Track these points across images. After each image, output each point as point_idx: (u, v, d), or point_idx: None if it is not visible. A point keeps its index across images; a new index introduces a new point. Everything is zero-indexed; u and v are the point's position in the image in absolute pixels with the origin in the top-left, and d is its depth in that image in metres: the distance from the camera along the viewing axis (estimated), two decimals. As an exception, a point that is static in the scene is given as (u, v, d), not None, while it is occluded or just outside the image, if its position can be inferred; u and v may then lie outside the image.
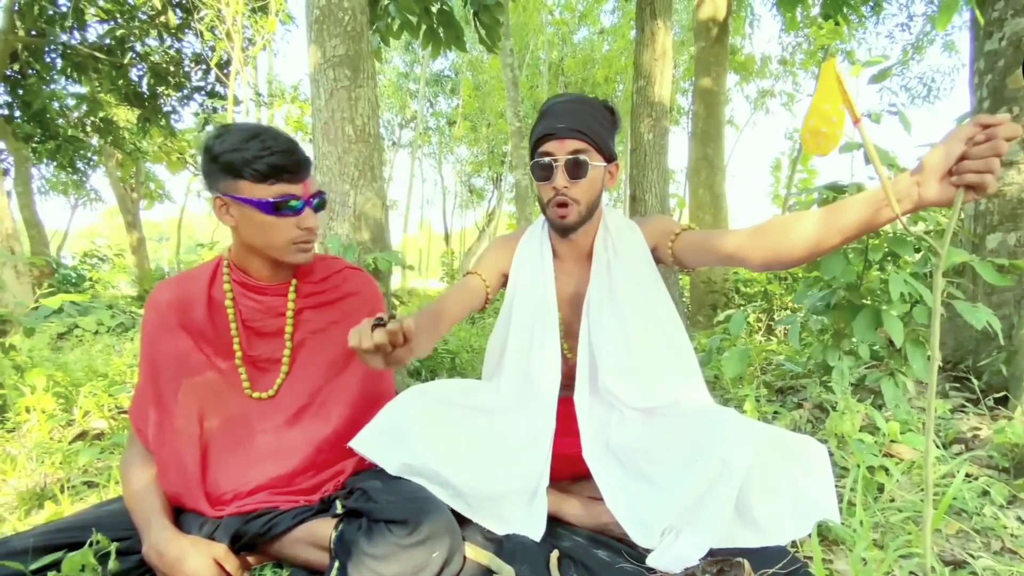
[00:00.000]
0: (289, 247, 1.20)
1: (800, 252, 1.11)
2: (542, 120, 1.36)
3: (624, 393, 1.36)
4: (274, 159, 1.12)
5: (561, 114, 1.33)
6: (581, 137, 1.32)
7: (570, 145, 1.32)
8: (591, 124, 1.33)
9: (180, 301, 1.25)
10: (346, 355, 1.34)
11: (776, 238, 1.15)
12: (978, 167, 0.86)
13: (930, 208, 1.06)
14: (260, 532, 1.15)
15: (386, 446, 1.24)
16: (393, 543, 1.03)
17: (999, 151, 0.85)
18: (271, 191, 1.14)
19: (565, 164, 1.32)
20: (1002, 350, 1.99)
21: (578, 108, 1.35)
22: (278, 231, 1.17)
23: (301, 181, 1.17)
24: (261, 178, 1.13)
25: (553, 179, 1.33)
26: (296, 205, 1.16)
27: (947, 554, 1.12)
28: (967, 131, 0.88)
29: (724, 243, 1.25)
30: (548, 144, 1.33)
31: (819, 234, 1.07)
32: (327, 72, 2.43)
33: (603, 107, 1.38)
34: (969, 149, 0.87)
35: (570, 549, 1.22)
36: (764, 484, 1.16)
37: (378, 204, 2.48)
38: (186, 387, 1.23)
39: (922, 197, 0.93)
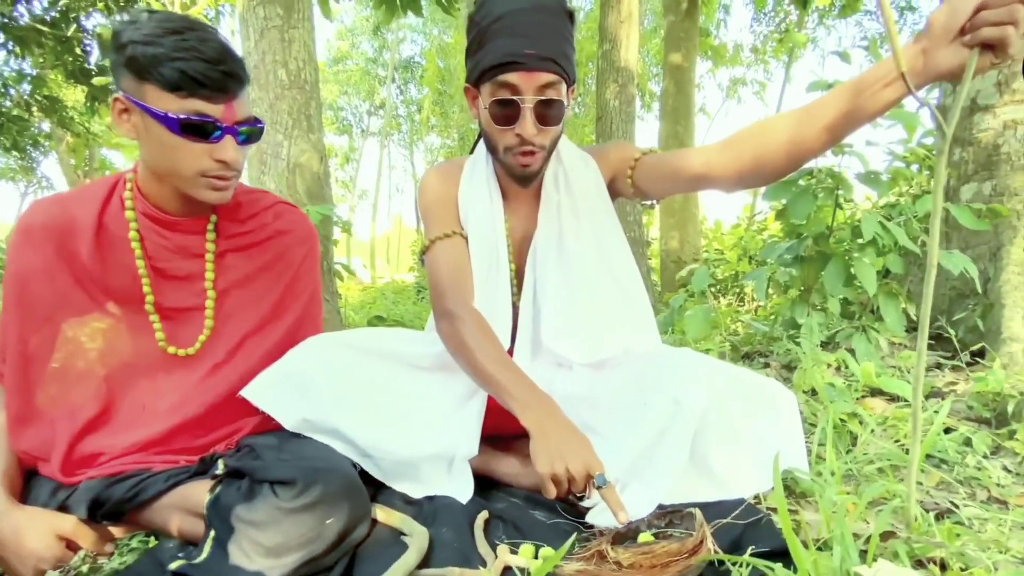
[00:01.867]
0: (197, 180, 0.96)
1: (781, 158, 0.94)
2: (500, 34, 1.03)
3: (568, 352, 1.18)
4: (191, 65, 0.88)
5: (529, 33, 1.02)
6: (554, 68, 1.03)
7: (541, 79, 1.03)
8: (565, 48, 1.06)
9: (60, 227, 1.00)
10: (275, 304, 1.14)
11: (752, 145, 0.97)
12: (999, 16, 0.69)
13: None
14: (125, 498, 0.95)
15: (284, 397, 1.05)
16: (276, 507, 0.84)
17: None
18: (181, 105, 0.89)
19: (535, 107, 1.04)
20: (978, 304, 1.88)
21: (547, 23, 1.04)
22: (185, 157, 0.93)
23: (224, 101, 0.92)
24: (171, 86, 0.88)
25: (519, 124, 1.06)
26: (211, 129, 0.92)
27: (928, 504, 0.98)
28: None
29: (692, 162, 1.06)
30: (511, 75, 1.03)
31: (803, 134, 0.90)
32: (257, 10, 2.21)
33: (564, 12, 1.09)
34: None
35: (503, 511, 1.05)
36: (723, 430, 1.01)
37: (315, 156, 2.27)
38: (68, 336, 1.01)
39: (928, 65, 0.76)
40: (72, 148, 11.69)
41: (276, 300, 1.15)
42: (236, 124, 0.95)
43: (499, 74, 1.04)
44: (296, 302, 1.18)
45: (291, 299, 1.18)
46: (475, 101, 1.15)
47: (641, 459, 0.97)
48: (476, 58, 1.09)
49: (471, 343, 1.04)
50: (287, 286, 1.16)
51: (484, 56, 1.06)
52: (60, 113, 8.68)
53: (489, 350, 1.04)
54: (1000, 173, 1.92)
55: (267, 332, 1.14)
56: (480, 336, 1.05)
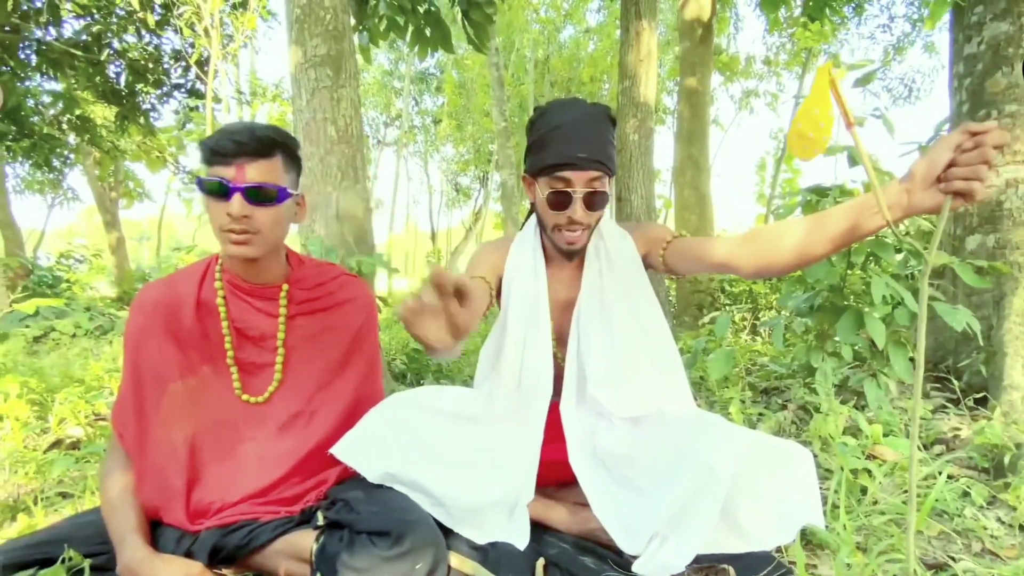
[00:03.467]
0: (221, 235, 1.14)
1: (790, 260, 1.12)
2: (556, 141, 1.27)
3: (610, 403, 1.36)
4: (214, 139, 1.10)
5: (580, 139, 1.26)
6: (600, 168, 1.27)
7: (590, 175, 1.27)
8: (609, 151, 1.29)
9: (168, 303, 1.21)
10: (339, 362, 1.32)
11: (766, 247, 1.15)
12: (966, 174, 0.86)
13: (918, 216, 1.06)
14: (240, 545, 1.12)
15: (367, 454, 1.22)
16: (376, 555, 1.01)
17: (987, 159, 0.85)
18: (207, 172, 1.11)
19: (584, 197, 1.28)
20: (981, 351, 2.01)
21: (596, 131, 1.28)
22: (212, 215, 1.13)
23: (235, 164, 1.10)
24: (205, 161, 1.11)
25: (570, 210, 1.29)
26: (222, 189, 1.10)
27: (929, 557, 1.12)
28: (955, 138, 0.88)
29: (715, 251, 1.25)
30: (566, 172, 1.27)
31: (808, 242, 1.08)
32: (308, 72, 2.39)
33: (610, 120, 1.33)
34: (957, 156, 0.87)
35: (556, 556, 1.21)
36: (749, 490, 1.16)
37: (361, 206, 2.45)
38: (171, 393, 1.20)
39: (911, 204, 0.93)
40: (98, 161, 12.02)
41: (340, 358, 1.32)
42: (247, 185, 1.10)
43: (556, 171, 1.28)
44: (359, 361, 1.35)
45: (354, 358, 1.35)
46: (531, 188, 1.38)
47: (677, 515, 1.12)
48: (537, 157, 1.32)
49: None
50: (349, 346, 1.34)
51: (545, 157, 1.29)
52: (91, 132, 8.97)
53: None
54: (1003, 227, 2.06)
55: (335, 388, 1.31)
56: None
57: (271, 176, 1.14)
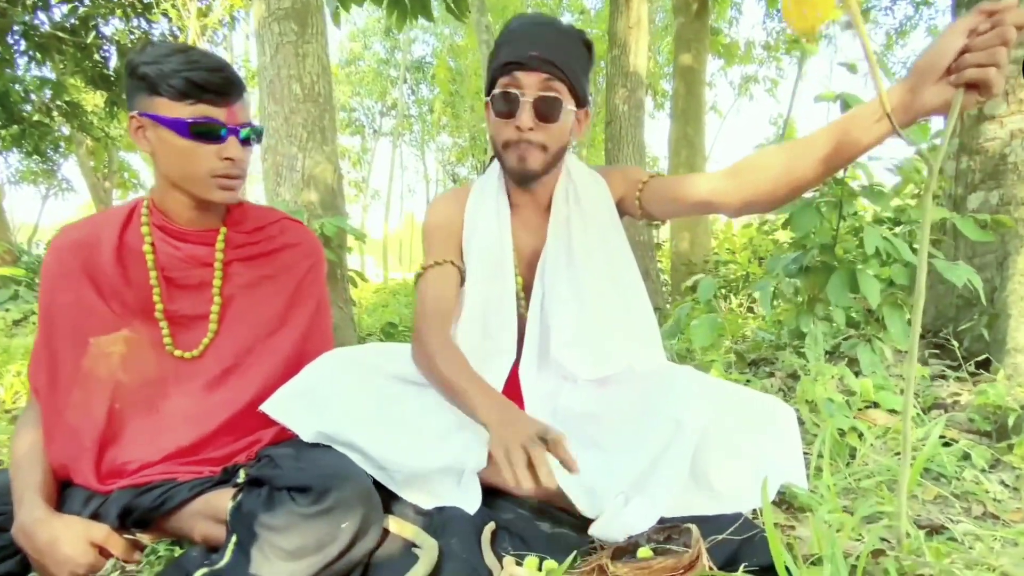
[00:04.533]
0: (208, 180, 1.04)
1: (777, 188, 1.00)
2: (507, 44, 1.15)
3: (575, 365, 1.23)
4: (196, 74, 0.98)
5: (532, 39, 1.13)
6: (555, 72, 1.13)
7: (541, 76, 1.13)
8: (567, 59, 1.14)
9: (85, 245, 1.09)
10: (280, 313, 1.20)
11: (750, 176, 1.03)
12: (981, 59, 0.73)
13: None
14: (153, 506, 1.01)
15: (301, 410, 1.10)
16: (295, 513, 0.90)
17: (1007, 38, 0.72)
18: (189, 111, 1.00)
19: (534, 102, 1.13)
20: (984, 314, 1.89)
21: (553, 36, 1.15)
22: (196, 159, 1.02)
23: (227, 105, 1.02)
24: (179, 95, 0.99)
25: (517, 116, 1.14)
26: (217, 130, 1.01)
27: (923, 520, 1.00)
28: (969, 21, 0.75)
29: (697, 188, 1.13)
30: (515, 73, 1.13)
31: (799, 165, 0.96)
32: (272, 26, 2.27)
33: (580, 39, 1.19)
34: (971, 41, 0.75)
35: (510, 522, 1.09)
36: (723, 446, 1.04)
37: (329, 168, 2.33)
38: (91, 346, 1.08)
39: (916, 105, 0.80)
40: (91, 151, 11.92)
41: (281, 310, 1.21)
42: (238, 125, 1.04)
43: (504, 75, 1.14)
44: (302, 313, 1.24)
45: (296, 310, 1.23)
46: (488, 112, 1.23)
47: (643, 476, 1.01)
48: (489, 70, 1.18)
49: (435, 354, 1.13)
50: (291, 296, 1.23)
51: (494, 64, 1.16)
52: (80, 118, 8.85)
53: (451, 360, 1.12)
54: (1007, 182, 1.93)
55: (275, 342, 1.20)
56: (445, 350, 1.14)
57: (249, 113, 1.09)
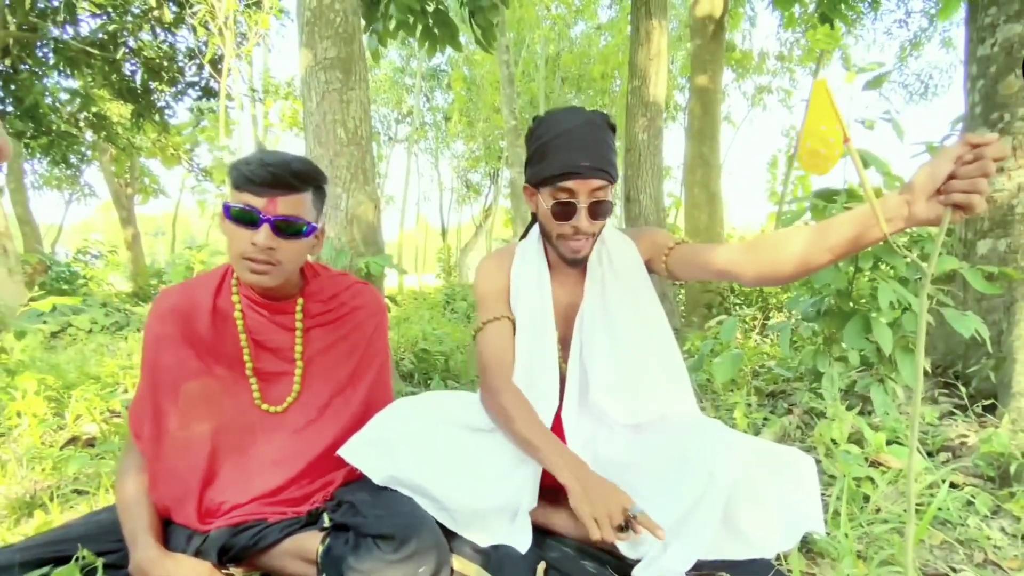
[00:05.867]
0: (240, 262, 1.15)
1: (791, 269, 1.12)
2: (558, 151, 1.26)
3: (613, 410, 1.37)
4: (248, 167, 1.11)
5: (582, 147, 1.25)
6: (605, 177, 1.26)
7: (593, 184, 1.26)
8: (611, 158, 1.28)
9: (184, 310, 1.24)
10: (353, 369, 1.35)
11: (767, 255, 1.16)
12: (965, 187, 0.85)
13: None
14: (248, 545, 1.15)
15: (373, 456, 1.25)
16: (380, 559, 1.04)
17: (987, 172, 0.84)
18: (236, 198, 1.13)
19: (589, 206, 1.27)
20: (991, 357, 2.00)
21: (597, 139, 1.27)
22: (233, 241, 1.15)
23: (268, 196, 1.11)
24: (235, 185, 1.13)
25: (575, 220, 1.28)
26: (251, 217, 1.11)
27: (929, 567, 1.13)
28: (955, 151, 0.88)
29: (717, 259, 1.26)
30: (569, 182, 1.25)
31: (809, 252, 1.08)
32: (318, 75, 2.42)
33: (610, 127, 1.32)
34: (958, 169, 0.86)
35: (557, 560, 1.22)
36: (750, 496, 1.17)
37: (370, 207, 2.47)
38: (187, 395, 1.23)
39: (911, 215, 0.93)
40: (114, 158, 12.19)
41: (353, 367, 1.36)
42: (277, 217, 1.11)
43: (559, 181, 1.27)
44: (370, 368, 1.38)
45: (366, 365, 1.38)
46: (532, 198, 1.37)
47: (679, 523, 1.13)
48: (538, 167, 1.31)
49: (512, 413, 1.26)
50: (362, 353, 1.37)
51: (546, 167, 1.28)
52: (107, 129, 9.09)
53: (527, 419, 1.25)
54: (1014, 232, 2.04)
55: (348, 395, 1.34)
56: (519, 407, 1.27)
57: (300, 210, 1.15)
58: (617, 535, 1.08)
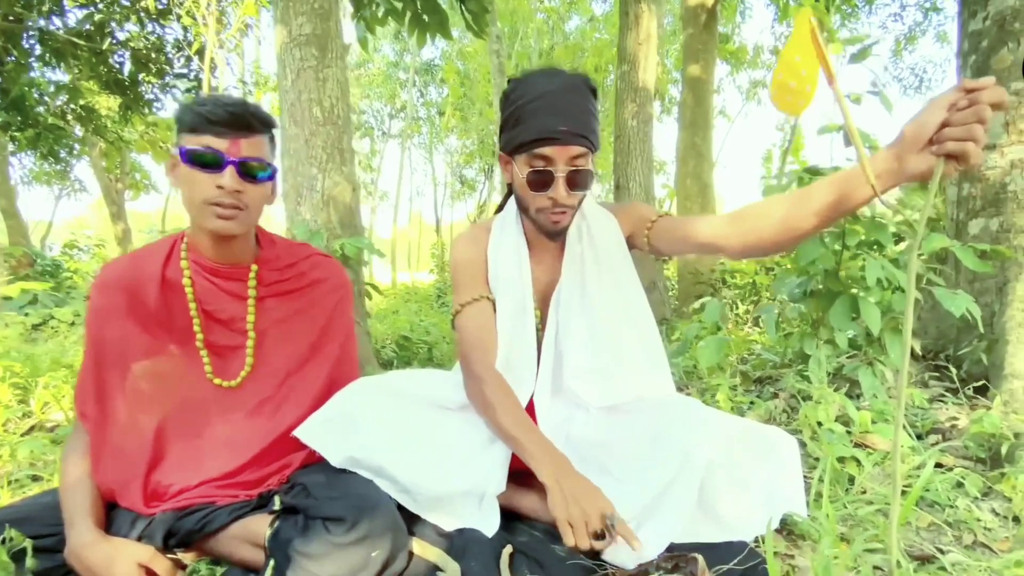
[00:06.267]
0: (204, 208, 1.08)
1: (776, 236, 1.06)
2: (534, 115, 1.16)
3: (587, 393, 1.30)
4: (205, 109, 1.05)
5: (560, 111, 1.16)
6: (584, 143, 1.17)
7: (573, 151, 1.17)
8: (592, 124, 1.19)
9: (130, 281, 1.16)
10: (312, 346, 1.28)
11: (752, 223, 1.10)
12: (959, 134, 0.79)
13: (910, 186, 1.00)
14: (195, 529, 1.09)
15: (331, 436, 1.18)
16: (329, 542, 0.97)
17: (982, 117, 0.77)
18: (195, 141, 1.06)
19: (567, 176, 1.18)
20: (983, 339, 1.94)
21: (577, 103, 1.17)
22: (195, 187, 1.08)
23: (231, 137, 1.06)
24: (190, 128, 1.06)
25: (552, 190, 1.19)
26: (215, 160, 1.05)
27: (915, 548, 1.07)
28: (949, 97, 0.81)
29: (700, 230, 1.19)
30: (546, 148, 1.16)
31: (793, 217, 1.02)
32: (293, 52, 2.34)
33: (591, 90, 1.22)
34: (951, 116, 0.80)
35: (525, 544, 1.16)
36: (728, 476, 1.11)
37: (347, 188, 2.40)
38: (138, 374, 1.16)
39: (902, 170, 0.87)
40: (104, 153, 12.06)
41: (312, 342, 1.28)
42: (241, 159, 1.07)
43: (535, 148, 1.17)
44: (332, 344, 1.31)
45: (327, 341, 1.31)
46: (507, 167, 1.28)
47: (653, 504, 1.07)
48: (513, 132, 1.21)
49: (494, 403, 1.18)
50: (322, 329, 1.30)
51: (521, 132, 1.19)
52: (95, 122, 8.98)
53: (509, 410, 1.17)
54: (1007, 210, 1.98)
55: (307, 372, 1.27)
56: (501, 396, 1.18)
57: (262, 152, 1.12)
58: (592, 542, 1.00)
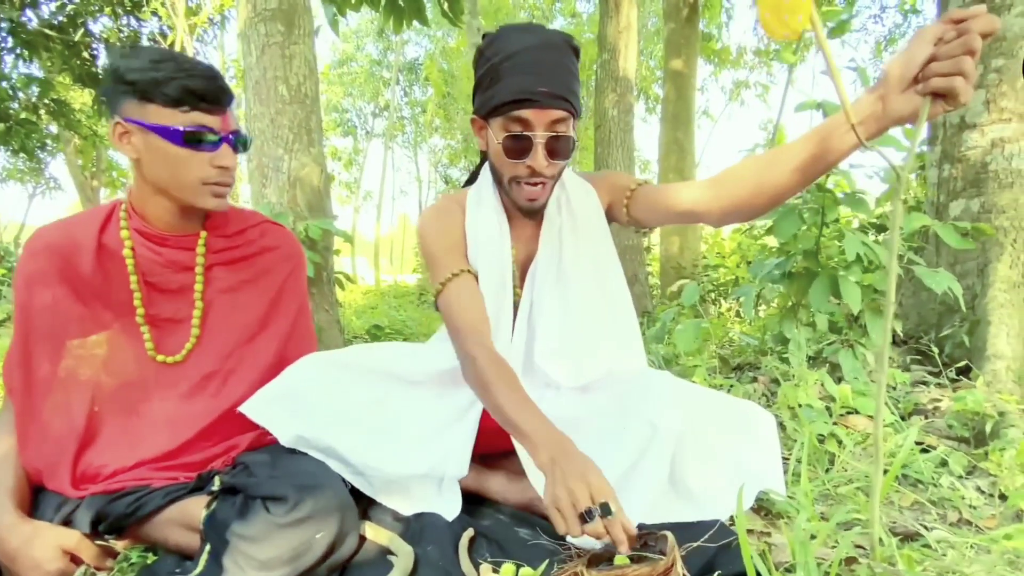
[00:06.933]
0: (199, 188, 1.04)
1: (755, 196, 0.99)
2: (511, 73, 1.06)
3: (559, 374, 1.22)
4: (192, 82, 0.97)
5: (539, 72, 1.05)
6: (565, 106, 1.06)
7: (552, 115, 1.06)
8: (573, 85, 1.09)
9: (62, 247, 1.07)
10: (261, 318, 1.20)
11: (731, 186, 1.02)
12: (947, 68, 0.72)
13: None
14: (125, 513, 0.99)
15: (279, 413, 1.10)
16: (269, 522, 0.89)
17: (972, 47, 0.70)
18: (184, 119, 0.98)
19: (546, 142, 1.07)
20: (964, 321, 1.90)
21: (558, 61, 1.07)
22: (188, 167, 1.01)
23: (220, 113, 1.02)
24: (173, 103, 0.97)
25: (530, 158, 1.08)
26: (212, 139, 1.01)
27: (898, 526, 1.01)
28: (935, 29, 0.74)
29: (681, 198, 1.11)
30: (524, 111, 1.05)
31: (772, 172, 0.95)
32: (258, 27, 2.25)
33: (572, 48, 1.12)
34: (938, 49, 0.73)
35: (489, 528, 1.09)
36: (700, 452, 1.04)
37: (316, 170, 2.32)
38: (72, 349, 1.07)
39: (886, 113, 0.79)
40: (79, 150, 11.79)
41: (262, 314, 1.20)
42: (230, 133, 1.03)
43: (512, 110, 1.06)
44: (283, 317, 1.23)
45: (278, 313, 1.23)
46: (482, 132, 1.17)
47: (621, 481, 1.00)
48: (488, 93, 1.10)
49: (490, 384, 1.02)
50: (272, 300, 1.22)
51: (497, 92, 1.07)
52: (68, 116, 8.76)
53: (504, 389, 1.01)
54: (988, 190, 1.95)
55: (256, 345, 1.19)
56: (495, 375, 1.03)
57: (238, 122, 1.08)
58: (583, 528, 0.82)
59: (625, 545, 0.81)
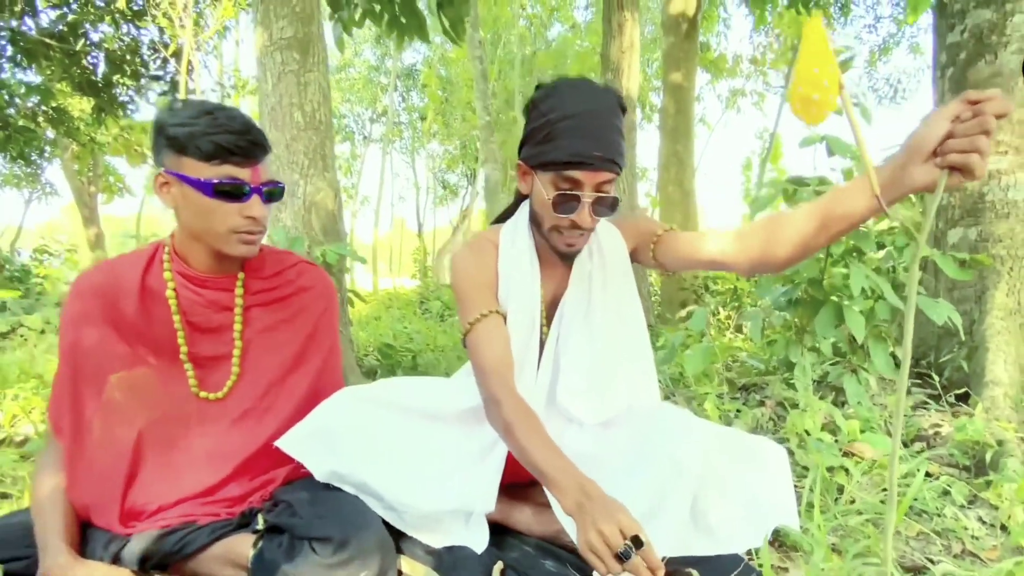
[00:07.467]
0: (230, 236, 1.08)
1: (789, 254, 1.03)
2: (567, 135, 1.10)
3: (581, 412, 1.27)
4: (222, 137, 1.02)
5: (594, 134, 1.10)
6: (613, 168, 1.12)
7: (601, 177, 1.11)
8: (621, 146, 1.14)
9: (108, 289, 1.12)
10: (297, 355, 1.24)
11: (762, 242, 1.07)
12: (963, 146, 0.77)
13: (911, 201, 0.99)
14: (172, 551, 1.04)
15: (315, 449, 1.15)
16: (316, 563, 0.94)
17: (987, 128, 0.76)
18: (215, 172, 1.03)
19: (593, 201, 1.13)
20: (963, 346, 1.97)
21: (610, 125, 1.12)
22: (219, 217, 1.06)
23: (251, 165, 1.06)
24: (206, 157, 1.02)
25: (577, 214, 1.13)
26: (241, 191, 1.05)
27: (907, 559, 1.07)
28: (953, 108, 0.80)
29: (708, 248, 1.16)
30: (576, 172, 1.10)
31: (806, 234, 0.99)
32: (274, 55, 2.30)
33: (622, 109, 1.17)
34: (955, 127, 0.78)
35: (516, 560, 1.14)
36: (718, 488, 1.10)
37: (330, 195, 2.37)
38: (116, 386, 1.12)
39: (904, 182, 0.84)
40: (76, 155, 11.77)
41: (298, 351, 1.25)
42: (261, 185, 1.08)
43: (565, 170, 1.11)
44: (317, 354, 1.28)
45: (312, 350, 1.28)
46: (526, 177, 1.22)
47: (644, 517, 1.06)
48: (542, 148, 1.14)
49: (513, 426, 1.05)
50: (308, 337, 1.27)
51: (552, 150, 1.12)
52: (67, 124, 8.77)
53: (529, 434, 1.04)
54: (985, 220, 2.02)
55: (291, 381, 1.24)
56: (521, 419, 1.06)
57: (272, 172, 1.13)
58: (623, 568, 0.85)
59: (662, 569, 0.85)
